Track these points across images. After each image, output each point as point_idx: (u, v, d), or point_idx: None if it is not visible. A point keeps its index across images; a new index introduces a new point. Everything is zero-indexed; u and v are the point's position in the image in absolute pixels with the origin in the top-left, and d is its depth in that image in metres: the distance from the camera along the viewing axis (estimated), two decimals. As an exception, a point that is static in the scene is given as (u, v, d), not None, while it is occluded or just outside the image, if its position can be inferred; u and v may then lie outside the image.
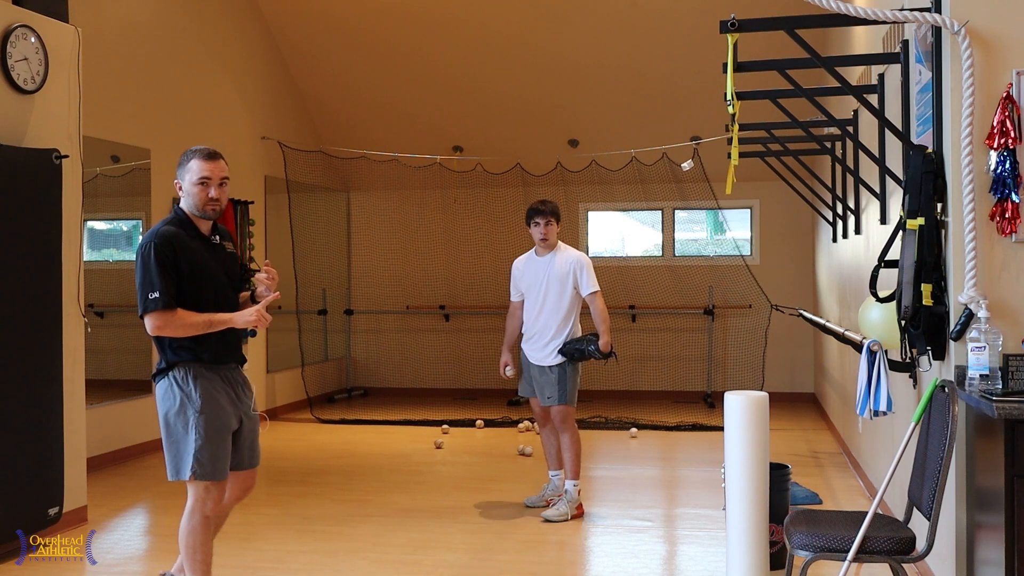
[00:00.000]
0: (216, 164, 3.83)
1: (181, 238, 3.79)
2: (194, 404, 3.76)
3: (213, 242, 3.91)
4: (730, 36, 4.18)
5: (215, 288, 3.86)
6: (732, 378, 10.63)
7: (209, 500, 3.84)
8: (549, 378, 5.87)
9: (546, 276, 5.93)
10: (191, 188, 3.83)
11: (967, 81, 3.58)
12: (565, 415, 5.86)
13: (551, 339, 5.88)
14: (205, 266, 3.83)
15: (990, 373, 3.43)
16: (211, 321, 3.73)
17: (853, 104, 6.28)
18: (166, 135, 8.25)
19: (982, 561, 3.48)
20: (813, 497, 6.01)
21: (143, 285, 3.71)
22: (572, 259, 5.93)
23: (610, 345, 5.85)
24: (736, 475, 4.28)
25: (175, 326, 3.71)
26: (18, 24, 5.28)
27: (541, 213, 5.95)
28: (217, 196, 3.82)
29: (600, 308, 5.90)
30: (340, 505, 6.18)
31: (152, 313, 3.69)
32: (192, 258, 3.78)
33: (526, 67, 9.98)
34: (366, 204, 11.66)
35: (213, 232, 3.94)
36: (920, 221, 3.72)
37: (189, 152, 3.88)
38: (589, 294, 5.89)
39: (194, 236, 3.84)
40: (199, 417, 3.75)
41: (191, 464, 3.76)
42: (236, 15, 9.49)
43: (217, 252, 3.92)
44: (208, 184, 3.80)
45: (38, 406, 5.23)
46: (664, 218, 11.17)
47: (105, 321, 7.60)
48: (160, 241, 3.74)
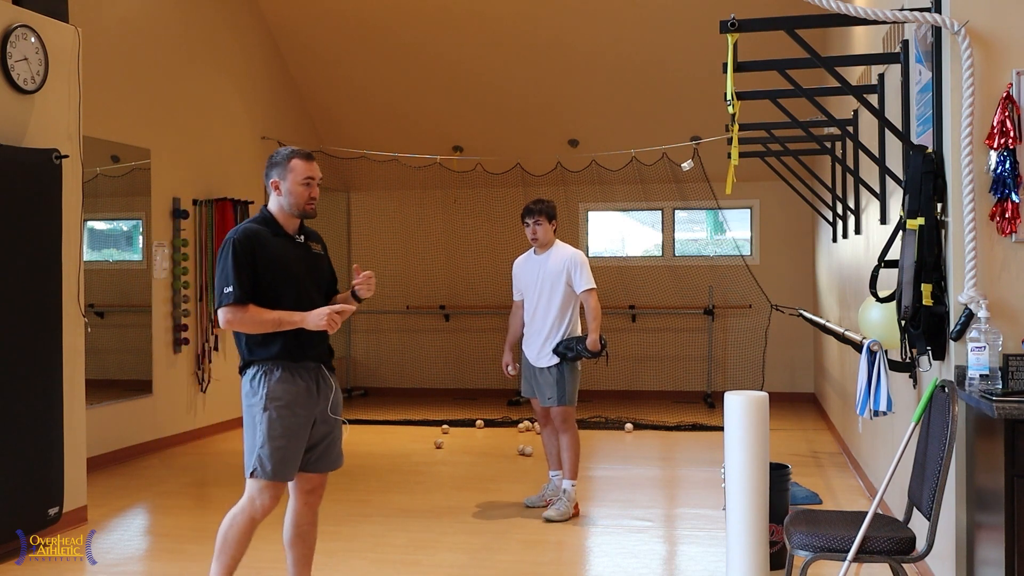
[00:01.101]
0: (314, 165, 3.93)
1: (263, 236, 3.79)
2: (262, 403, 3.73)
3: (298, 241, 3.90)
4: (730, 36, 4.18)
5: (296, 287, 3.82)
6: (732, 378, 10.63)
7: (260, 500, 3.76)
8: (547, 379, 5.86)
9: (542, 275, 5.91)
10: (295, 188, 3.85)
11: (967, 81, 3.58)
12: (565, 415, 5.85)
13: (546, 339, 5.86)
14: (287, 265, 3.80)
15: (990, 373, 3.43)
16: (280, 320, 3.69)
17: (853, 104, 6.28)
18: (166, 135, 8.25)
19: (982, 561, 3.48)
20: (813, 497, 6.01)
21: (219, 280, 3.72)
22: (566, 257, 5.89)
23: (599, 343, 5.76)
24: (736, 475, 4.28)
25: (245, 322, 3.69)
26: (18, 24, 5.28)
27: (531, 212, 5.95)
28: (315, 196, 3.89)
29: (593, 306, 5.83)
30: (340, 505, 6.17)
31: (225, 307, 3.69)
32: (273, 256, 3.77)
33: (526, 67, 9.98)
34: (366, 204, 11.65)
35: (300, 232, 3.93)
36: (920, 221, 3.72)
37: (286, 152, 3.93)
38: (583, 291, 5.84)
39: (278, 234, 3.84)
40: (264, 416, 3.72)
41: (253, 461, 3.75)
42: (236, 15, 9.49)
43: (302, 252, 3.90)
44: (311, 184, 3.87)
45: (38, 406, 5.23)
46: (664, 218, 11.17)
47: (105, 321, 7.60)
48: (240, 237, 3.75)
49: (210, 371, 8.63)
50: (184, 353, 8.35)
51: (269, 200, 3.92)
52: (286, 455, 3.74)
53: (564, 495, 5.82)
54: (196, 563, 5.01)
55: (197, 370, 8.52)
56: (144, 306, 7.96)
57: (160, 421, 8.06)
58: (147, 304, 7.96)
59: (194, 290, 8.45)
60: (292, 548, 3.99)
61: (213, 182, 8.85)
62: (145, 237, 8.13)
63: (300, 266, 3.86)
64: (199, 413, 8.58)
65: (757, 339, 10.23)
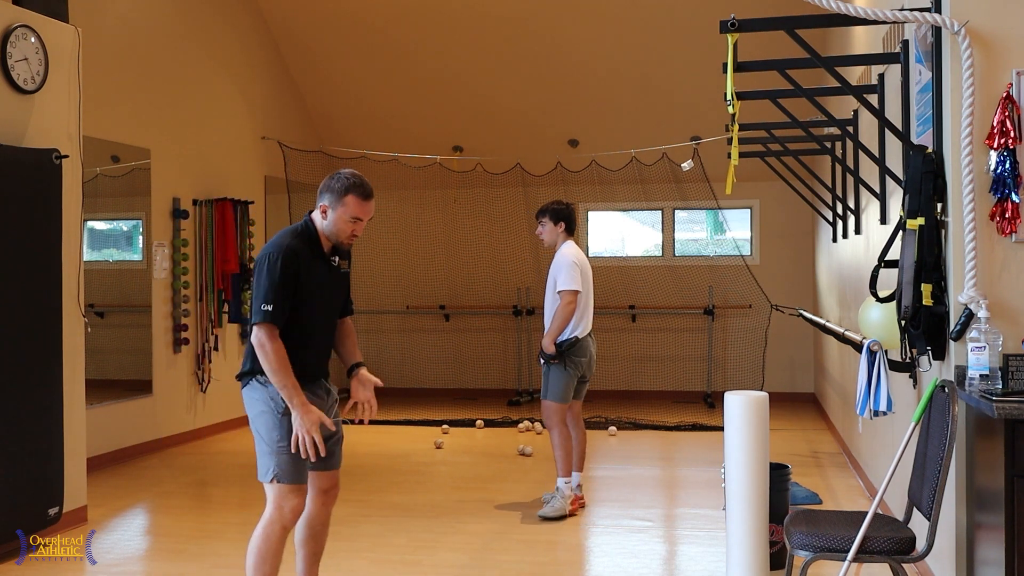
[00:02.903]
0: (369, 205, 3.79)
1: (305, 255, 3.73)
2: (278, 406, 3.68)
3: (332, 263, 3.85)
4: (730, 36, 4.18)
5: (323, 309, 3.83)
6: (732, 378, 10.63)
7: (288, 506, 3.70)
8: (544, 373, 5.95)
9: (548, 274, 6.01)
10: (339, 221, 3.75)
11: (967, 81, 3.58)
12: (549, 412, 5.89)
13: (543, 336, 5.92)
14: (319, 286, 3.78)
15: (990, 373, 3.43)
16: (286, 387, 3.61)
17: (853, 104, 6.28)
18: (166, 135, 8.25)
19: (982, 561, 3.48)
20: (813, 497, 6.01)
21: (260, 293, 3.65)
22: (558, 258, 5.94)
23: (552, 346, 5.76)
24: (736, 475, 4.28)
25: (267, 351, 3.60)
26: (18, 24, 5.28)
27: (538, 213, 6.07)
28: (358, 233, 3.81)
29: (560, 307, 5.78)
30: (340, 505, 6.12)
31: (260, 324, 3.62)
32: (309, 276, 3.74)
33: (526, 67, 9.98)
34: (366, 204, 11.62)
35: (334, 251, 3.87)
36: (920, 221, 3.72)
37: (345, 182, 3.77)
38: (559, 291, 5.83)
39: (317, 255, 3.79)
40: (281, 419, 3.67)
41: (272, 468, 3.67)
42: (236, 15, 9.49)
43: (333, 272, 3.86)
44: (358, 223, 3.78)
45: (38, 406, 5.23)
46: (664, 218, 11.17)
47: (105, 321, 7.60)
48: (288, 256, 3.67)
49: (210, 371, 8.63)
50: (184, 353, 8.35)
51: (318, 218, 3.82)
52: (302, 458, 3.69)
53: (557, 492, 5.82)
54: (196, 563, 5.01)
55: (197, 370, 8.52)
56: (144, 306, 7.96)
57: (160, 421, 8.06)
58: (147, 304, 7.96)
59: (194, 290, 8.45)
60: (303, 547, 3.97)
61: (213, 182, 8.85)
62: (145, 237, 8.13)
63: (327, 291, 3.84)
64: (199, 413, 8.58)
65: (757, 339, 10.23)
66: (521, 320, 11.16)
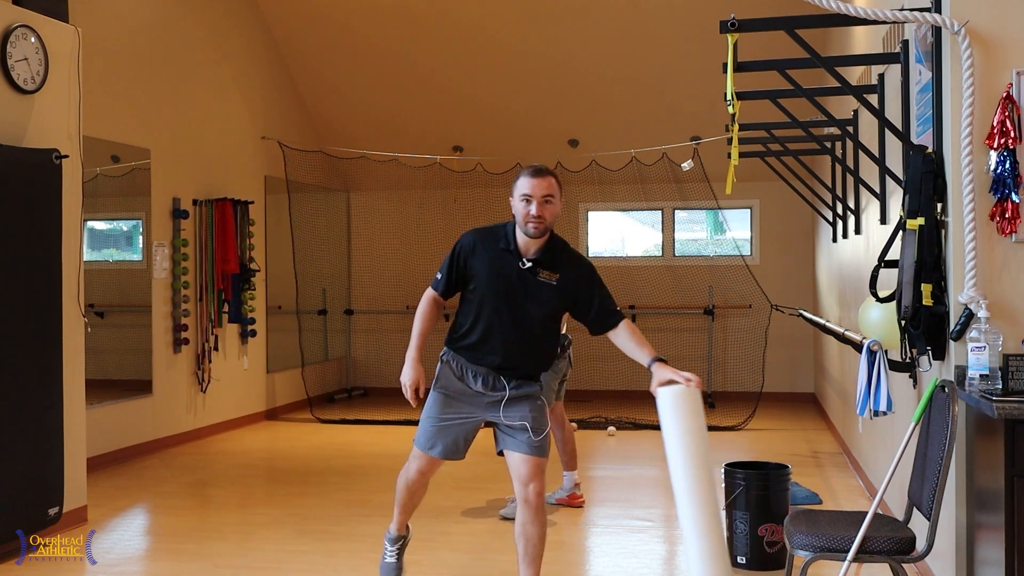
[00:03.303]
0: (541, 181, 3.85)
1: (490, 244, 3.96)
2: (436, 380, 4.11)
3: (522, 265, 3.90)
4: (730, 36, 4.18)
5: (499, 301, 3.92)
6: (732, 378, 10.63)
7: (413, 465, 4.19)
8: None
9: None
10: (516, 203, 3.89)
11: (967, 81, 3.58)
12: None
13: None
14: (492, 276, 3.91)
15: (990, 373, 3.43)
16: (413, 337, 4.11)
17: (853, 104, 6.28)
18: (166, 135, 8.25)
19: (982, 561, 3.48)
20: (813, 497, 6.01)
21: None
22: None
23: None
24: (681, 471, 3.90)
25: (419, 309, 4.14)
26: (18, 24, 5.28)
27: None
28: (539, 213, 3.83)
29: None
30: (340, 505, 6.18)
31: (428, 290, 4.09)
32: (485, 268, 3.92)
33: (526, 67, 9.98)
34: (366, 204, 11.65)
35: (542, 255, 3.91)
36: (920, 221, 3.72)
37: (521, 169, 3.99)
38: None
39: (506, 249, 3.92)
40: (432, 393, 4.12)
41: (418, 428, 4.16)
42: (236, 15, 9.49)
43: (523, 273, 3.90)
44: (530, 200, 3.83)
45: (38, 406, 5.23)
46: (664, 218, 11.16)
47: (105, 321, 7.60)
48: (468, 236, 4.03)
49: (210, 371, 8.63)
50: (184, 353, 8.35)
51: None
52: (437, 431, 4.09)
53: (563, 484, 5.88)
54: (196, 563, 5.01)
55: (197, 370, 8.52)
56: (144, 306, 7.96)
57: (160, 421, 8.05)
58: (147, 304, 7.96)
59: (194, 290, 8.45)
60: (517, 543, 4.06)
61: (213, 182, 8.85)
62: (145, 237, 8.13)
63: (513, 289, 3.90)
64: (199, 413, 8.58)
65: (757, 339, 10.22)
66: (521, 320, 11.14)
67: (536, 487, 3.92)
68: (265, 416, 9.72)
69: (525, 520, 3.96)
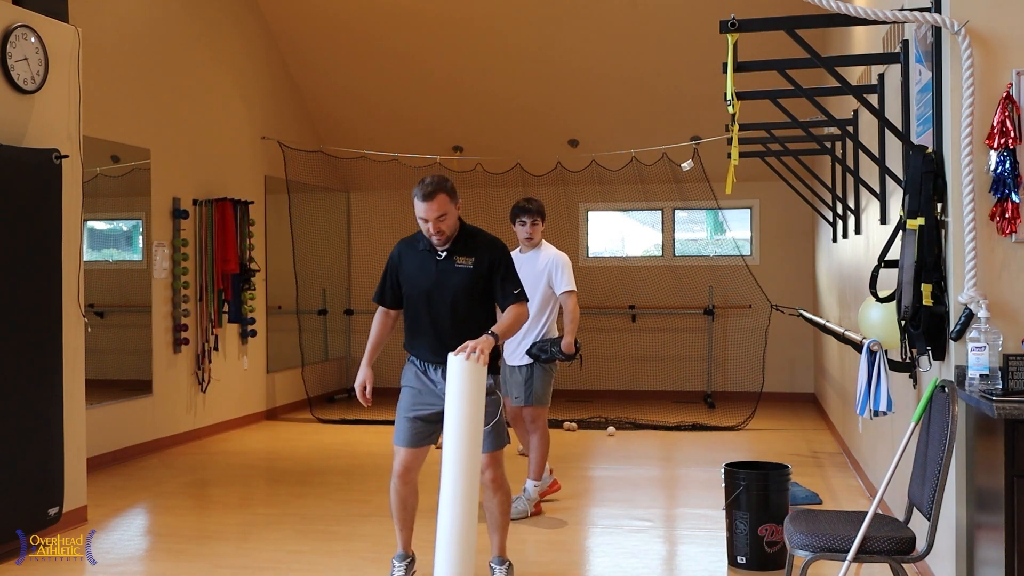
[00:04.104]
0: (430, 205, 4.26)
1: (411, 249, 4.45)
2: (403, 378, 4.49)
3: (439, 257, 4.36)
4: (730, 36, 4.18)
5: (423, 299, 4.38)
6: (732, 378, 10.63)
7: (394, 466, 4.38)
8: (516, 378, 5.87)
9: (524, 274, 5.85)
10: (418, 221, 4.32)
11: (967, 81, 3.58)
12: (534, 416, 5.87)
13: (522, 338, 5.81)
14: (415, 277, 4.39)
15: (990, 373, 3.43)
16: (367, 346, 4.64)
17: (853, 104, 6.28)
18: (166, 135, 8.25)
19: (982, 561, 3.48)
20: (813, 497, 6.01)
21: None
22: (550, 258, 5.93)
23: (573, 346, 5.77)
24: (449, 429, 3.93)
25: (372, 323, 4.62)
26: (18, 24, 5.28)
27: (528, 212, 6.03)
28: (436, 230, 4.28)
29: (571, 308, 5.83)
30: (340, 505, 6.18)
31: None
32: (409, 270, 4.41)
33: (526, 67, 9.98)
34: (366, 204, 11.65)
35: (455, 245, 4.37)
36: (920, 221, 3.72)
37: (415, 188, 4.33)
38: (563, 292, 5.85)
39: (424, 249, 4.38)
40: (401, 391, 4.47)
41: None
42: (236, 15, 9.49)
43: (441, 264, 4.35)
44: (427, 221, 4.28)
45: (38, 406, 5.23)
46: (664, 218, 11.17)
47: (105, 321, 7.60)
48: (395, 248, 4.51)
49: (210, 371, 8.63)
50: (184, 353, 8.35)
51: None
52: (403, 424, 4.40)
53: (524, 494, 5.80)
54: (196, 563, 5.01)
55: (197, 370, 8.52)
56: (144, 306, 7.96)
57: (160, 421, 8.05)
58: (147, 304, 7.96)
59: (194, 290, 8.45)
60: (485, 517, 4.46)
61: (213, 182, 8.85)
62: (145, 237, 8.13)
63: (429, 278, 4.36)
64: (199, 413, 8.58)
65: (757, 339, 10.22)
66: (521, 320, 11.14)
67: (491, 473, 4.37)
68: (265, 416, 9.73)
69: (486, 498, 4.42)
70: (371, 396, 4.49)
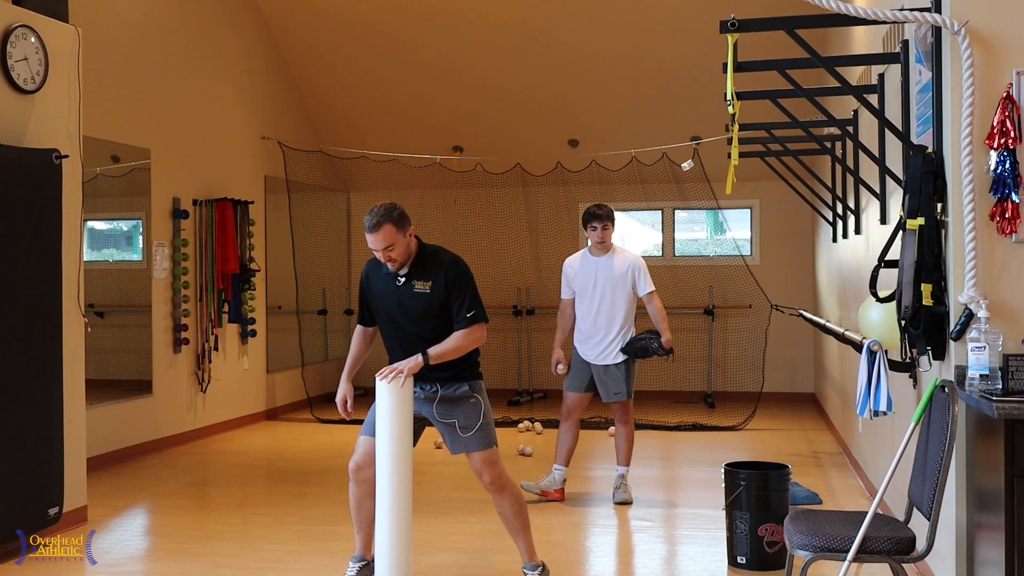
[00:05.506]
0: (376, 236, 4.32)
1: (376, 270, 4.51)
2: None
3: (399, 282, 4.39)
4: (730, 36, 4.18)
5: (388, 318, 4.47)
6: (732, 378, 10.63)
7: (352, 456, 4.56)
8: (615, 375, 6.16)
9: (604, 277, 6.22)
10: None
11: (967, 81, 3.57)
12: (627, 407, 6.24)
13: (613, 338, 6.17)
14: (380, 298, 4.48)
15: (990, 373, 3.42)
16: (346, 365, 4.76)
17: (853, 104, 6.28)
18: (166, 135, 8.25)
19: (982, 561, 3.48)
20: (813, 497, 6.01)
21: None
22: (629, 261, 6.27)
23: (671, 342, 6.20)
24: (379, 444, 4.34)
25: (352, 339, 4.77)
26: (18, 24, 5.28)
27: (599, 217, 6.25)
28: (387, 259, 4.34)
29: (659, 307, 6.29)
30: (340, 505, 6.16)
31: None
32: (375, 291, 4.50)
33: (526, 67, 9.98)
34: (366, 204, 11.50)
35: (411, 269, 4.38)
36: (920, 221, 3.72)
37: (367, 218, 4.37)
38: (646, 294, 6.27)
39: (387, 272, 4.43)
40: None
41: None
42: (236, 15, 9.50)
43: (401, 288, 4.39)
44: (380, 252, 4.33)
45: (38, 406, 5.23)
46: (664, 218, 11.17)
47: (105, 321, 7.60)
48: (364, 269, 4.60)
49: (210, 371, 8.63)
50: (184, 353, 8.36)
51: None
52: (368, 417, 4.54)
53: (624, 481, 6.19)
54: (196, 563, 5.01)
55: (197, 370, 8.52)
56: (144, 306, 7.96)
57: (160, 421, 8.06)
58: (147, 304, 7.96)
59: (194, 290, 8.45)
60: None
61: (213, 182, 8.85)
62: (145, 237, 8.13)
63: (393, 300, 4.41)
64: (199, 413, 8.58)
65: (757, 339, 10.22)
66: (521, 320, 11.16)
67: (488, 476, 4.46)
68: (265, 416, 9.73)
69: (495, 503, 4.53)
70: (352, 409, 4.63)
